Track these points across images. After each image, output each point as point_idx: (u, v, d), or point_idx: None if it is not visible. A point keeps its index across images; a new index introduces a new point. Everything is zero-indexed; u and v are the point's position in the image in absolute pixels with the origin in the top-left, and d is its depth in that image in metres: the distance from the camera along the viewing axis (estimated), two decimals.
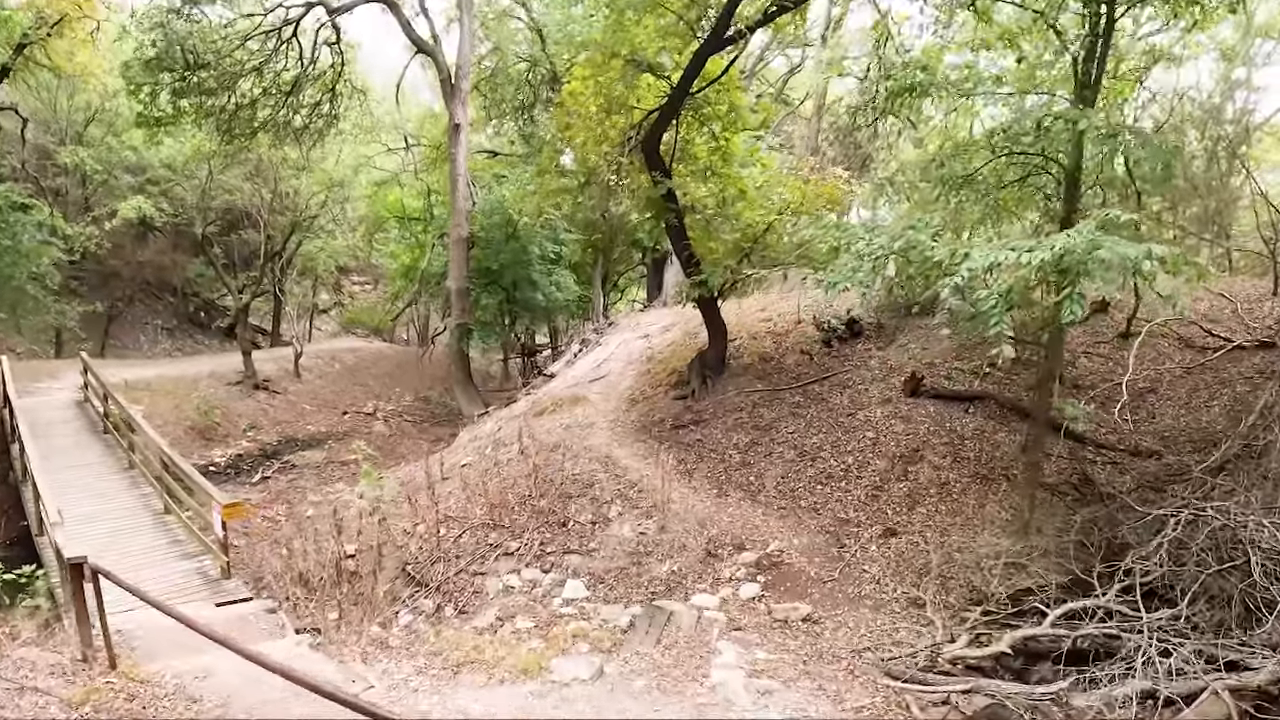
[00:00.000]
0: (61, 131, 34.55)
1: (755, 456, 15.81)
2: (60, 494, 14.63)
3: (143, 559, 13.15)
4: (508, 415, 20.80)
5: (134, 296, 40.24)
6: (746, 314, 22.06)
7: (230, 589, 12.25)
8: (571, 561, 13.03)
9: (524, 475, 15.47)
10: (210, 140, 28.52)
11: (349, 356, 39.08)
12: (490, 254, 29.80)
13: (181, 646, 8.82)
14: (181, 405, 28.20)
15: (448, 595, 12.95)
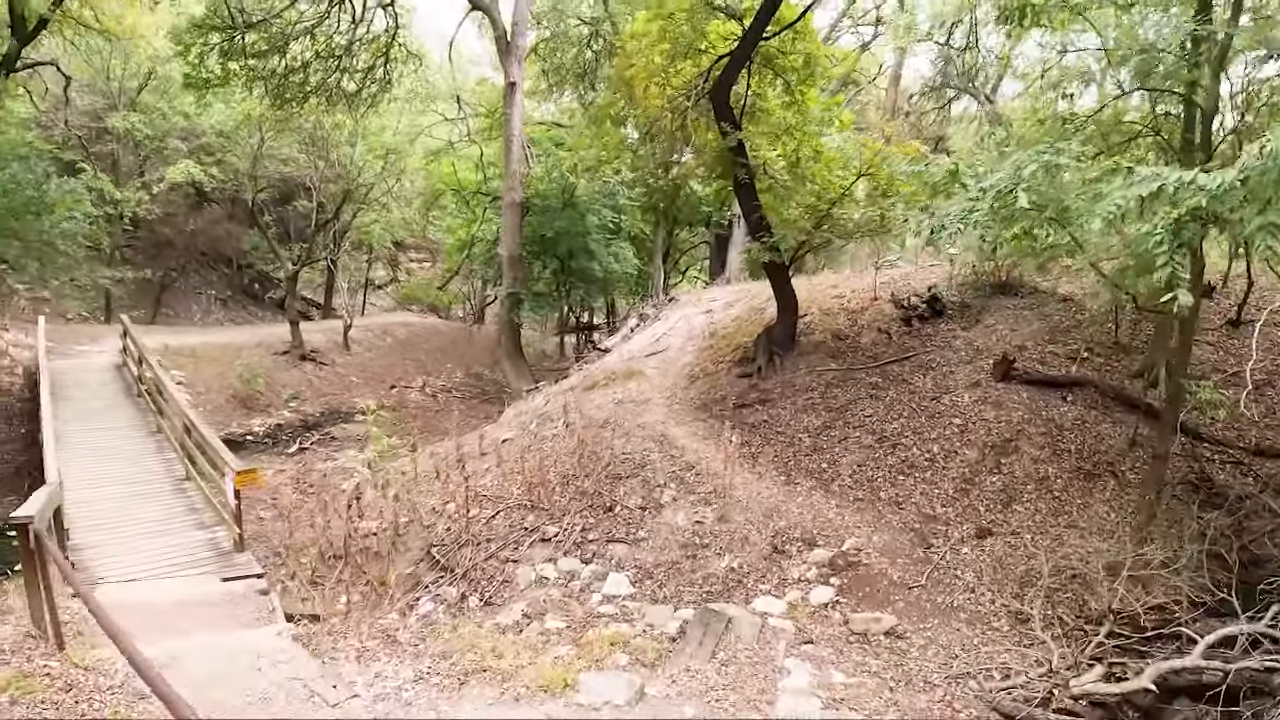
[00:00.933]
0: (114, 97, 34.16)
1: (828, 441, 14.10)
2: (83, 455, 15.31)
3: (155, 526, 12.61)
4: (557, 390, 19.34)
5: (187, 266, 40.19)
6: (817, 290, 20.37)
7: (241, 563, 11.40)
8: (616, 552, 11.48)
9: (568, 452, 14.01)
10: (261, 105, 27.85)
11: (401, 330, 38.60)
12: (546, 220, 28.18)
13: (160, 628, 8.00)
14: (225, 373, 27.91)
15: (474, 583, 11.52)
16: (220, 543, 12.10)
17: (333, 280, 41.61)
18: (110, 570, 10.95)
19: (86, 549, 11.64)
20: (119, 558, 11.33)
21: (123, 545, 11.81)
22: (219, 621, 8.29)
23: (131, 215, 34.14)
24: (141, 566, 11.08)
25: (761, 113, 17.39)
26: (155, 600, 9.13)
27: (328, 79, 26.53)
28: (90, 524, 12.53)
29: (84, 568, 10.90)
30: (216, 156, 34.44)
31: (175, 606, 8.65)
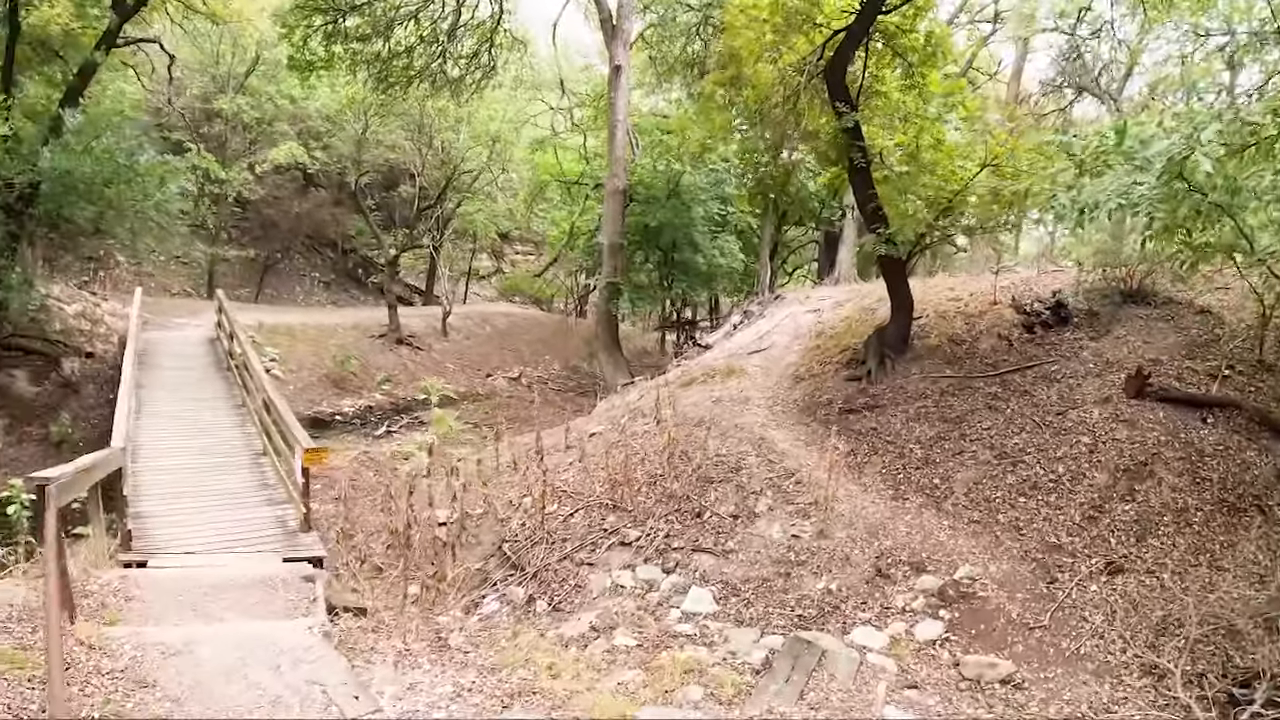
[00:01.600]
0: (223, 81, 34.89)
1: (941, 454, 12.82)
2: (165, 424, 15.70)
3: (226, 499, 12.60)
4: (652, 385, 18.40)
5: (291, 247, 40.76)
6: (932, 291, 19.05)
7: (305, 543, 11.10)
8: (701, 563, 10.44)
9: (658, 451, 13.00)
10: (365, 89, 28.21)
11: (501, 320, 38.21)
12: (649, 210, 27.37)
13: (190, 609, 7.47)
14: (320, 353, 27.98)
15: (544, 585, 10.65)
16: (288, 521, 11.83)
17: (435, 267, 41.40)
18: (171, 540, 10.80)
19: (151, 517, 11.50)
20: (184, 529, 11.20)
21: (190, 516, 11.70)
22: (253, 608, 7.61)
23: (237, 196, 34.87)
24: (204, 539, 10.94)
25: (878, 96, 16.20)
26: (199, 577, 8.53)
27: (431, 64, 26.59)
28: (161, 492, 12.50)
29: (145, 535, 10.78)
30: (322, 141, 35.09)
31: (213, 587, 7.99)
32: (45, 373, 21.53)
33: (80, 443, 18.41)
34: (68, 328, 23.44)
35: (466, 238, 43.13)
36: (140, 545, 10.53)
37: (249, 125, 35.27)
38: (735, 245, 29.48)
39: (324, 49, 24.43)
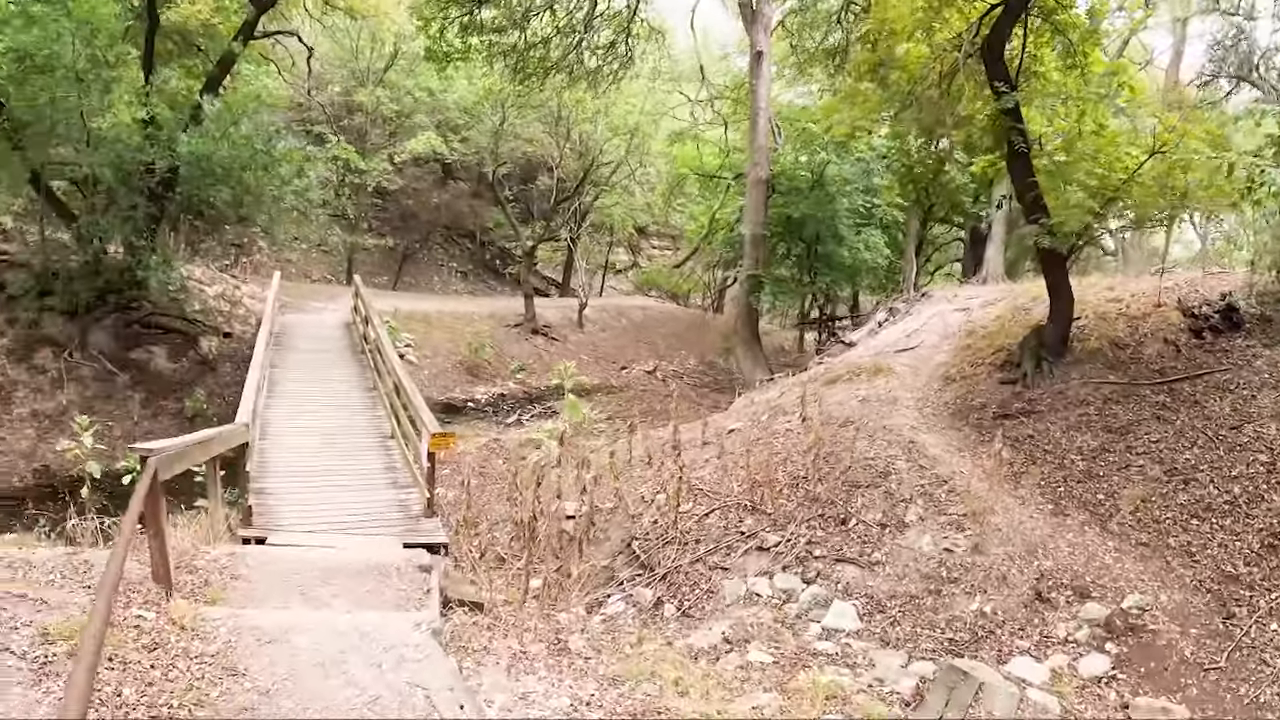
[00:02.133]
0: (362, 75, 35.88)
1: (1105, 467, 11.64)
2: (295, 404, 16.00)
3: (350, 480, 12.62)
4: (794, 382, 17.59)
5: (430, 238, 41.63)
6: (1090, 291, 17.63)
7: (426, 530, 10.86)
8: (844, 574, 9.64)
9: (801, 451, 12.20)
10: (501, 80, 28.34)
11: (637, 313, 38.09)
12: (792, 201, 26.48)
13: (296, 592, 7.16)
14: (455, 340, 28.27)
15: (673, 588, 10.04)
16: (411, 505, 11.68)
17: (571, 260, 41.33)
18: (293, 518, 10.79)
19: (274, 494, 11.57)
20: (306, 507, 11.21)
21: (313, 494, 11.74)
22: (363, 596, 7.18)
23: (377, 186, 35.52)
24: (325, 518, 10.89)
25: (1037, 77, 15.02)
26: (311, 560, 8.22)
27: (568, 55, 26.46)
28: (286, 470, 12.62)
29: (267, 512, 10.82)
30: (460, 134, 35.57)
31: (324, 571, 7.61)
32: (183, 350, 22.14)
33: (214, 418, 18.78)
34: (207, 308, 24.09)
35: (603, 231, 43.19)
36: (261, 521, 10.51)
37: (388, 118, 36.13)
38: (880, 239, 28.37)
39: (460, 41, 24.57)
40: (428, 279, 41.10)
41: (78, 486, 9.99)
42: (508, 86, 28.81)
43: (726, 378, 29.64)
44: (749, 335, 25.17)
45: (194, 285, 24.35)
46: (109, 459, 17.51)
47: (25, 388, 19.34)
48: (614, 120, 34.56)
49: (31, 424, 18.68)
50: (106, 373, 20.31)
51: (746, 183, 25.93)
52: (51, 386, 19.52)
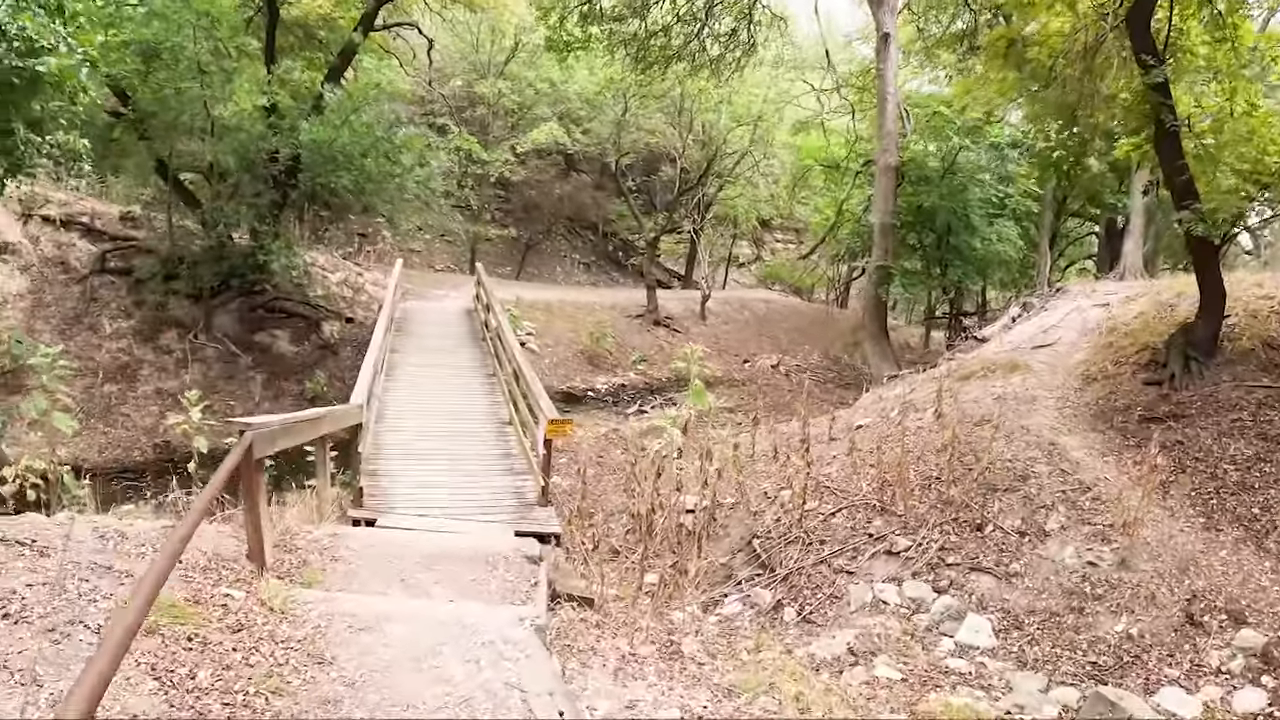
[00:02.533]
0: (484, 68, 36.40)
1: (1261, 478, 10.47)
2: (414, 387, 16.17)
3: (465, 465, 12.46)
4: (925, 378, 16.72)
5: (553, 229, 41.90)
6: (1239, 288, 16.17)
7: (539, 518, 10.65)
8: (979, 585, 8.86)
9: (935, 450, 11.38)
10: (623, 69, 28.32)
11: (760, 306, 37.61)
12: (922, 190, 25.60)
13: (397, 578, 6.78)
14: (576, 329, 28.27)
15: (794, 590, 9.40)
16: (526, 493, 11.44)
17: (694, 252, 41.10)
18: (404, 501, 10.75)
19: (388, 476, 11.55)
20: (419, 490, 11.15)
21: (427, 478, 11.67)
22: (467, 585, 6.77)
23: (499, 178, 36.06)
24: (437, 502, 10.79)
25: (1183, 53, 13.79)
26: (416, 544, 7.89)
27: (689, 43, 26.10)
28: (401, 452, 12.59)
29: (379, 494, 10.80)
30: (583, 126, 35.76)
31: (427, 557, 7.24)
32: (306, 334, 22.53)
33: (333, 400, 18.94)
34: (330, 294, 24.53)
35: (727, 223, 42.50)
36: (372, 503, 10.42)
37: (510, 110, 36.52)
38: (1014, 231, 27.11)
39: (580, 30, 24.65)
40: (550, 270, 41.36)
41: None
42: (629, 76, 28.66)
43: (851, 373, 28.93)
44: (877, 329, 24.11)
45: (317, 272, 24.77)
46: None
47: (150, 367, 19.84)
48: (737, 110, 33.87)
49: (155, 401, 19.10)
50: (230, 354, 20.74)
51: (875, 170, 24.89)
52: (176, 366, 20.01)
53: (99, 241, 21.89)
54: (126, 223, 22.76)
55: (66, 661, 4.07)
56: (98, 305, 20.50)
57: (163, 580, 3.14)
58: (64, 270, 20.84)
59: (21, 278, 20.20)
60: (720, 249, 44.63)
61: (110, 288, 20.94)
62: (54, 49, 9.53)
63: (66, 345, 19.19)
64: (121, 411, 18.61)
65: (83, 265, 21.07)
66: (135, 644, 4.24)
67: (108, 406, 18.53)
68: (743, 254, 49.96)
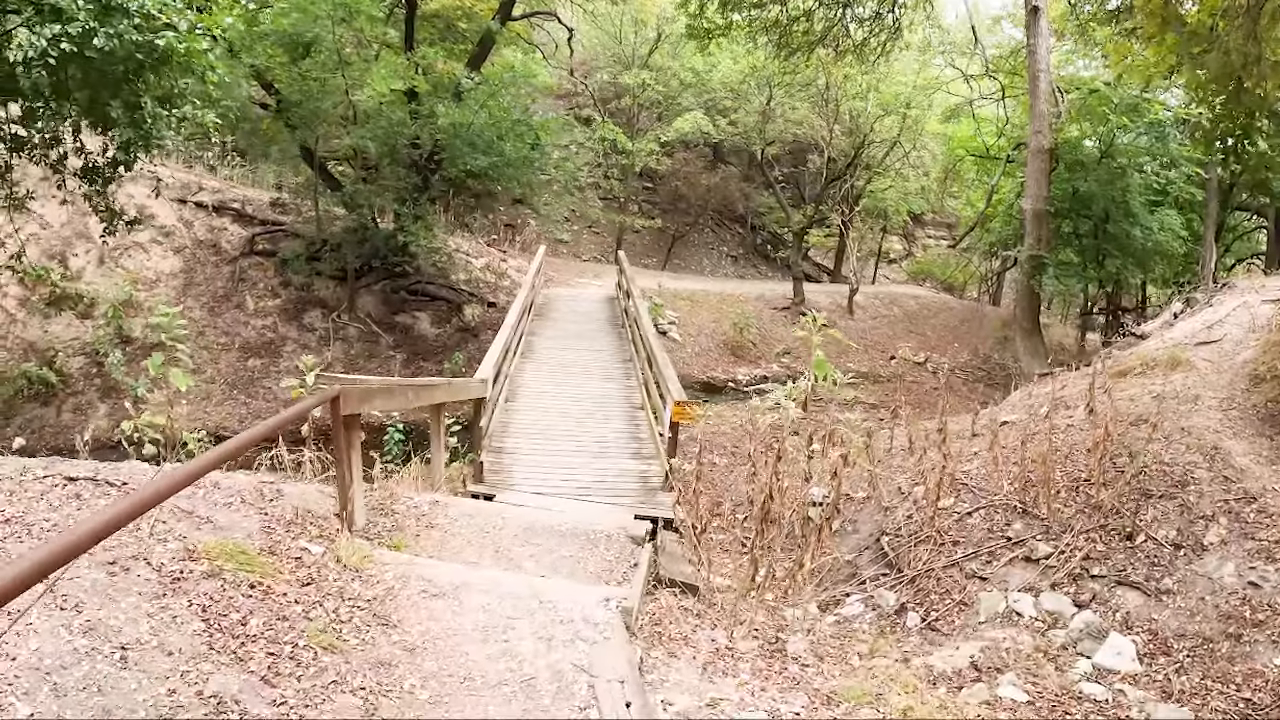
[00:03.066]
0: (627, 59, 36.21)
1: None
2: (549, 370, 16.27)
3: (594, 447, 12.42)
4: (1078, 375, 15.65)
5: (700, 221, 41.66)
6: None
7: (663, 502, 10.31)
8: (1125, 601, 7.94)
9: (1085, 450, 10.37)
10: (765, 56, 27.85)
11: (910, 302, 36.47)
12: (1078, 174, 24.27)
13: (491, 548, 6.60)
14: (719, 319, 27.94)
15: (921, 594, 8.73)
16: (650, 477, 11.22)
17: (843, 246, 39.95)
18: (525, 479, 10.76)
19: (512, 454, 11.66)
20: (541, 470, 11.15)
21: (552, 458, 11.69)
22: (561, 561, 6.52)
23: (644, 168, 36.28)
24: (559, 482, 10.77)
25: None
26: (516, 517, 7.62)
27: (832, 27, 25.45)
28: (530, 431, 12.74)
29: (500, 471, 10.89)
30: (729, 116, 35.22)
31: (525, 529, 7.02)
32: (447, 317, 22.87)
33: None
34: (472, 279, 24.91)
35: (876, 217, 41.33)
36: (493, 479, 10.46)
37: (655, 101, 36.27)
38: (1176, 220, 25.31)
39: (720, 17, 24.30)
40: (698, 261, 41.17)
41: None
42: (772, 63, 28.14)
43: (1000, 373, 27.87)
44: (1029, 323, 22.70)
45: (460, 257, 25.11)
46: None
47: (294, 344, 20.50)
48: (884, 97, 32.74)
49: (296, 376, 19.55)
50: (371, 333, 21.21)
51: (1027, 153, 23.39)
52: (319, 344, 20.61)
53: (249, 226, 22.77)
54: (276, 208, 23.64)
55: (115, 594, 3.97)
56: (245, 285, 21.29)
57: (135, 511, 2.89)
58: (215, 252, 21.68)
59: (175, 258, 21.11)
60: (870, 243, 43.66)
61: (258, 269, 21.72)
62: (173, 26, 9.69)
63: (214, 322, 19.97)
64: (263, 385, 19.27)
65: (233, 248, 21.93)
66: (192, 585, 4.10)
67: (250, 379, 19.20)
68: (893, 249, 48.93)
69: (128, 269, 20.36)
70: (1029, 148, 22.72)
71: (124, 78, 10.10)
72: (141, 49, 9.67)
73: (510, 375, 14.72)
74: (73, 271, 19.83)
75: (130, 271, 20.28)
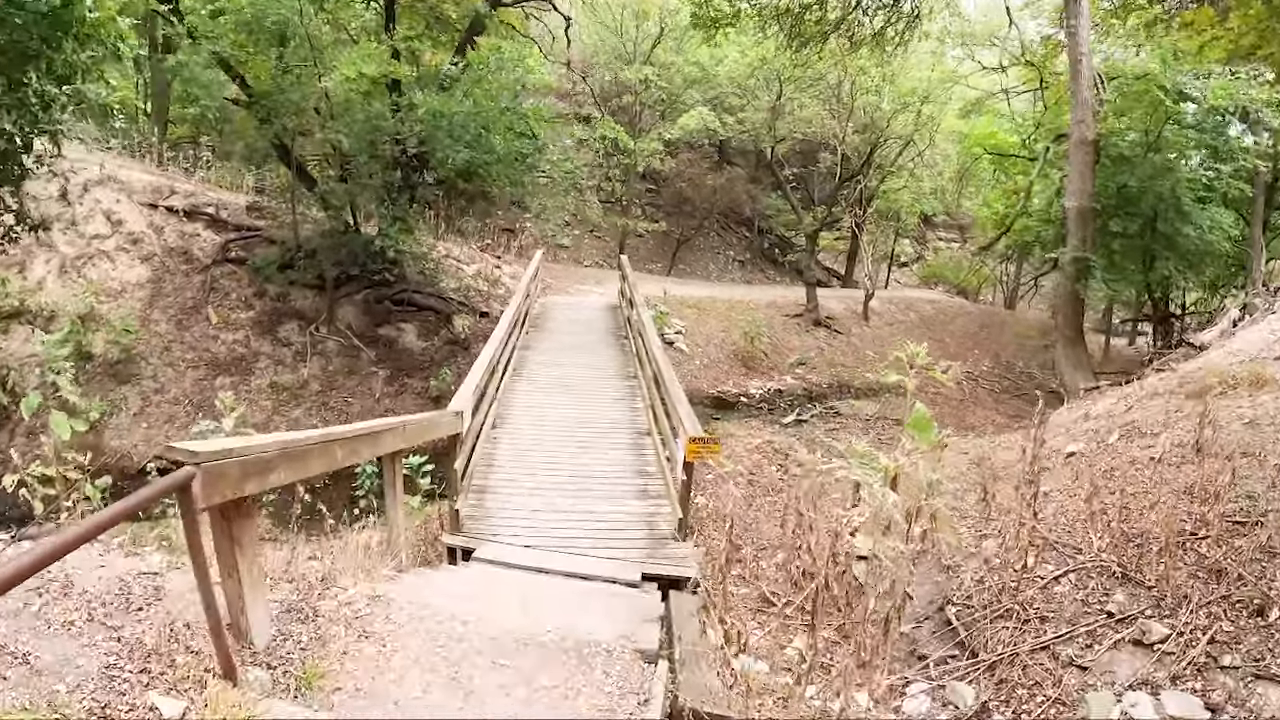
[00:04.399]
0: (629, 55, 34.97)
1: None
2: (542, 389, 14.55)
3: (594, 484, 10.59)
4: (1140, 393, 13.56)
5: (705, 224, 40.47)
6: None
7: (674, 556, 8.65)
8: (1268, 700, 5.91)
9: (1178, 491, 8.41)
10: (775, 45, 25.79)
11: (926, 307, 35.53)
12: (1124, 168, 22.42)
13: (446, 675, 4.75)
14: (728, 328, 26.36)
15: (1006, 689, 6.75)
16: (660, 522, 9.47)
17: (855, 249, 38.86)
18: (511, 525, 9.08)
19: (496, 495, 9.95)
20: (531, 515, 9.44)
21: (543, 499, 9.90)
22: (541, 697, 4.66)
23: (646, 169, 35.27)
24: (552, 531, 9.03)
25: None
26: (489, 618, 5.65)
27: (847, 15, 23.82)
28: (518, 464, 10.99)
29: (483, 517, 9.23)
30: (736, 115, 34.04)
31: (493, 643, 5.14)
32: (435, 329, 21.23)
33: None
34: (463, 286, 23.17)
35: (889, 219, 39.91)
36: (472, 528, 8.87)
37: (659, 100, 35.14)
38: (1228, 218, 23.54)
39: (728, 4, 22.99)
40: (704, 267, 39.83)
41: None
42: (782, 55, 26.46)
43: (1029, 383, 26.27)
44: (1073, 332, 20.56)
45: (450, 263, 23.43)
46: None
47: (267, 359, 18.92)
48: (901, 90, 31.12)
49: (269, 395, 18.36)
50: (352, 348, 19.61)
51: (1069, 146, 21.48)
52: (294, 359, 19.03)
53: (223, 231, 21.04)
54: (253, 212, 21.84)
55: None
56: (217, 295, 19.61)
57: None
58: (186, 260, 19.99)
59: (143, 267, 19.45)
60: (882, 246, 42.52)
61: (231, 278, 20.00)
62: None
63: (182, 336, 18.33)
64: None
65: (206, 256, 20.22)
66: None
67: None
68: (904, 252, 48.11)
69: (91, 279, 18.66)
70: (1071, 140, 20.76)
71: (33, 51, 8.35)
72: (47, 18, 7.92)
73: (494, 398, 12.99)
74: (32, 282, 18.14)
75: (94, 282, 18.58)
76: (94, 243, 19.21)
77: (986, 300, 43.87)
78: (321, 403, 18.40)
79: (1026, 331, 34.28)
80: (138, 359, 17.50)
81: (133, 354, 17.44)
